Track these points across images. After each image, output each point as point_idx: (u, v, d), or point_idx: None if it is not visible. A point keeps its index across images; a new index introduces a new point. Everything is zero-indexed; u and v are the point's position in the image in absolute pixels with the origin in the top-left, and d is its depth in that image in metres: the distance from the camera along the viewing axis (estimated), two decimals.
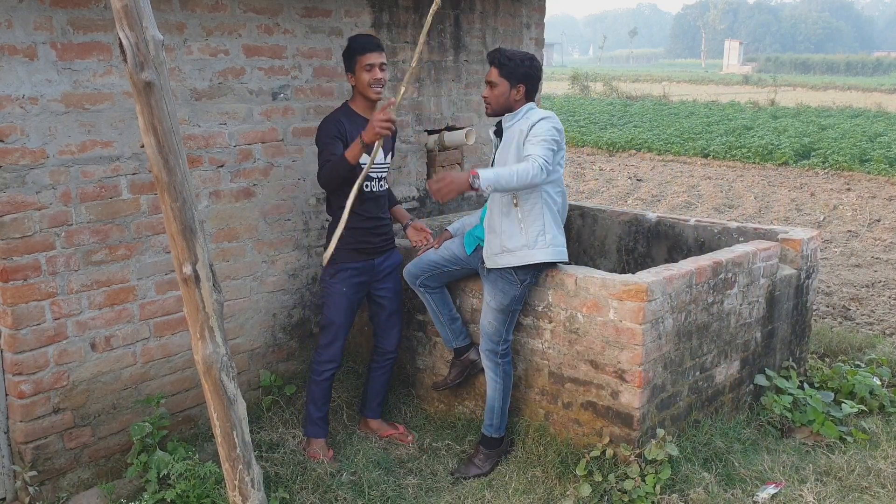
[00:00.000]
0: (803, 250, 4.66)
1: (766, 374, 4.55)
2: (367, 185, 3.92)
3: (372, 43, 3.85)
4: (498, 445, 3.95)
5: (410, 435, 4.20)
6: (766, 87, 42.44)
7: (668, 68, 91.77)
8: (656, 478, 3.55)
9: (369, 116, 3.85)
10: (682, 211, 11.57)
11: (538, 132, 3.57)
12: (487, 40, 5.41)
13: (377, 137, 3.56)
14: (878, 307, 7.25)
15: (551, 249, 3.70)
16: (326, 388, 4.02)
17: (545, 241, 3.68)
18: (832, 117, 23.26)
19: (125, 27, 2.53)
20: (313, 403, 4.02)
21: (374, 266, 4.04)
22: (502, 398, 3.90)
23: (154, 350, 3.86)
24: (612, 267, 5.42)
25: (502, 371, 3.88)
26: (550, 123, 3.60)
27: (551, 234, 3.70)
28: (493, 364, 3.87)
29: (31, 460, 3.48)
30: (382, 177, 4.02)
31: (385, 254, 4.09)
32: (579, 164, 16.42)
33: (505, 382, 3.89)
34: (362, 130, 3.69)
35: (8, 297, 3.32)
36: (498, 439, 3.94)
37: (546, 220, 3.69)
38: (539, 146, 3.52)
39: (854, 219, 11.18)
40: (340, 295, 3.96)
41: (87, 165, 3.49)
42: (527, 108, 3.73)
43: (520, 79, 3.70)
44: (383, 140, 3.64)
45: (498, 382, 3.88)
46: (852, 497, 3.66)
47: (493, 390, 3.89)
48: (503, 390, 3.89)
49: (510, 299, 3.77)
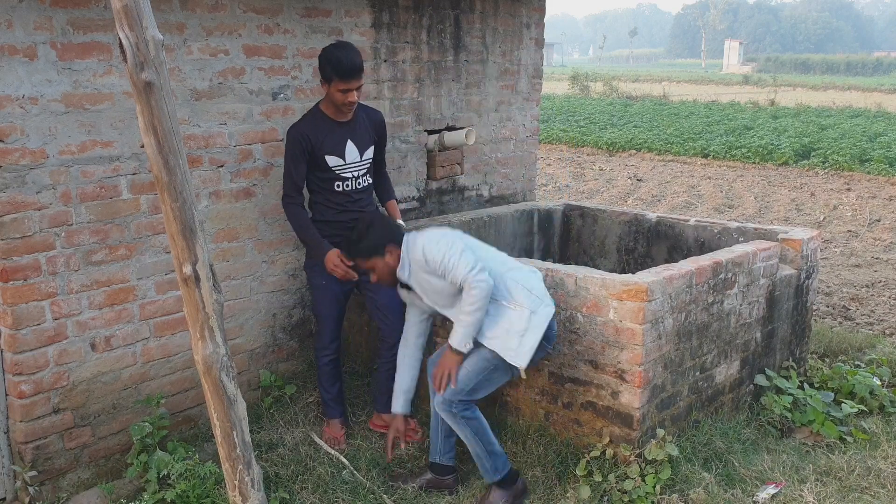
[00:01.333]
0: (803, 250, 4.66)
1: (766, 374, 4.55)
2: (337, 185, 3.97)
3: (353, 70, 3.76)
4: (510, 484, 3.58)
5: (420, 431, 4.18)
6: (766, 87, 42.43)
7: (668, 68, 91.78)
8: (656, 478, 3.55)
9: (341, 118, 3.94)
10: (682, 211, 11.56)
11: (438, 260, 3.37)
12: (487, 40, 5.42)
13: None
14: (878, 307, 7.25)
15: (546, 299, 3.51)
16: (328, 371, 4.17)
17: (538, 296, 3.48)
18: (832, 117, 23.26)
19: (125, 27, 2.53)
20: (322, 387, 4.22)
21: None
22: (479, 440, 3.52)
23: (154, 350, 3.86)
24: (612, 267, 5.42)
25: (462, 419, 3.49)
26: (431, 246, 3.39)
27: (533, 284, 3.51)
28: (449, 415, 3.50)
29: (31, 460, 3.48)
30: (358, 175, 4.01)
31: None
32: (579, 164, 16.41)
33: (473, 426, 3.51)
34: (335, 134, 3.89)
35: (8, 297, 3.32)
36: (505, 478, 3.58)
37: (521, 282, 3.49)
38: (455, 267, 3.33)
39: (854, 219, 11.18)
40: (320, 287, 4.08)
41: (87, 165, 3.49)
42: (405, 256, 3.52)
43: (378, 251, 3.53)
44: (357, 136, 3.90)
45: (465, 430, 3.51)
46: (852, 497, 3.66)
47: (465, 438, 3.54)
48: (475, 433, 3.51)
49: (491, 368, 3.49)
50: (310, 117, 3.97)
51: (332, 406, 4.21)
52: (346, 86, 3.78)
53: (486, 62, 5.45)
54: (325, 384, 4.21)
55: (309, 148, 3.88)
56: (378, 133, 4.14)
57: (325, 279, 4.05)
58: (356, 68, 3.78)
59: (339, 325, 4.20)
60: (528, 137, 5.95)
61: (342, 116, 3.96)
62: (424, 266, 3.43)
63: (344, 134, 3.95)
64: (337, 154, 3.94)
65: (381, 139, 4.18)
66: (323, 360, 4.18)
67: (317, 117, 3.94)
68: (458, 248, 3.39)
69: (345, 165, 3.96)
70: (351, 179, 3.99)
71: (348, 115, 3.96)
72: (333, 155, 3.93)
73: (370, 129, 4.08)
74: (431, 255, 3.39)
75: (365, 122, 4.05)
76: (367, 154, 4.05)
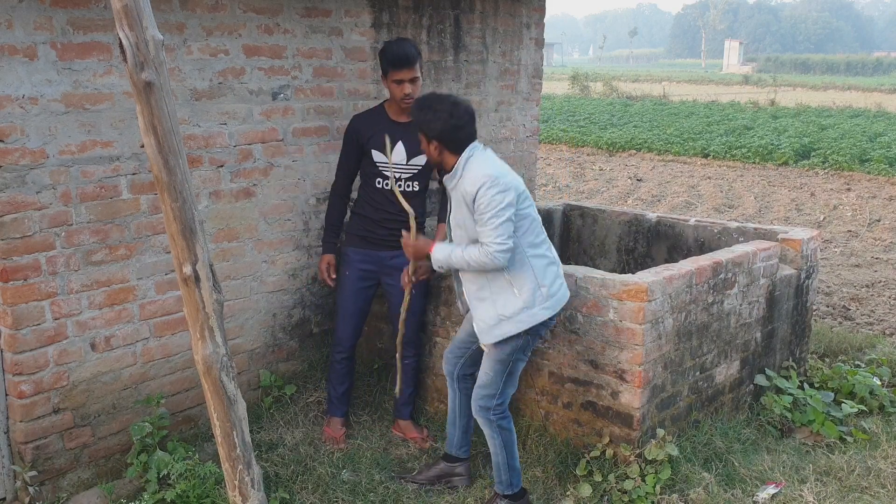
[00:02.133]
0: (803, 250, 4.66)
1: (766, 374, 4.55)
2: (378, 182, 3.97)
3: (403, 57, 3.80)
4: (517, 500, 3.56)
5: (428, 442, 4.17)
6: (766, 87, 42.47)
7: (668, 68, 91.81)
8: (656, 478, 3.55)
9: (400, 119, 3.97)
10: (682, 211, 11.57)
11: (483, 207, 3.19)
12: (487, 40, 5.42)
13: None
14: (878, 307, 7.26)
15: (552, 301, 3.36)
16: (338, 370, 4.18)
17: (543, 296, 3.33)
18: (832, 117, 23.27)
19: (125, 27, 2.53)
20: (329, 382, 4.25)
21: (380, 259, 4.06)
22: (506, 453, 3.51)
23: (154, 350, 3.86)
24: (612, 267, 5.42)
25: (497, 427, 3.50)
26: (492, 191, 3.17)
27: (546, 285, 3.34)
28: (486, 420, 3.50)
29: (31, 460, 3.48)
30: (401, 177, 3.98)
31: (395, 251, 4.03)
32: (579, 164, 16.42)
33: (504, 437, 3.50)
34: (389, 132, 3.83)
35: (8, 297, 3.32)
36: (516, 494, 3.57)
37: (538, 274, 3.33)
38: (488, 227, 3.18)
39: (854, 219, 11.19)
40: (344, 278, 4.11)
41: (87, 165, 3.49)
42: (462, 165, 3.30)
43: (434, 135, 3.30)
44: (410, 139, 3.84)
45: (496, 438, 3.50)
46: (852, 497, 3.66)
47: (493, 446, 3.53)
48: (504, 445, 3.50)
49: (510, 350, 3.41)
50: (370, 111, 4.07)
51: (336, 405, 4.21)
52: (399, 75, 3.82)
53: (486, 62, 5.45)
54: (334, 381, 4.20)
55: (359, 140, 3.97)
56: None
57: (348, 269, 4.09)
58: (407, 56, 3.81)
59: (356, 322, 4.14)
60: (528, 137, 5.95)
61: (401, 116, 3.96)
62: (468, 197, 3.25)
63: (397, 133, 3.93)
64: (383, 151, 3.85)
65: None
66: (335, 357, 4.17)
67: (376, 112, 4.04)
68: (505, 214, 3.20)
69: (387, 164, 3.88)
70: (392, 180, 3.91)
71: (406, 111, 3.91)
72: (380, 151, 3.91)
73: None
74: (480, 198, 3.20)
75: None
76: (415, 160, 3.97)
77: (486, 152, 3.35)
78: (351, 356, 4.19)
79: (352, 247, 4.09)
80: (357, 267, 4.07)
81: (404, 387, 4.18)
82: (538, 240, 3.38)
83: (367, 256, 4.06)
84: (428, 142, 3.35)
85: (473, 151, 3.32)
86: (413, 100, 3.75)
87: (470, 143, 3.33)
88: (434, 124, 3.28)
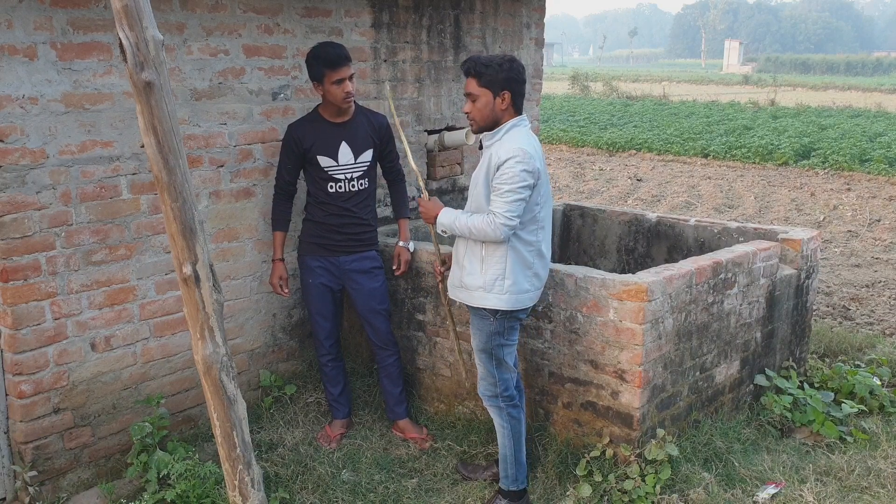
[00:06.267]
0: (803, 250, 4.66)
1: (766, 374, 4.55)
2: (331, 186, 3.97)
3: (341, 57, 3.81)
4: (518, 498, 3.59)
5: (428, 441, 4.17)
6: (766, 87, 42.44)
7: (668, 68, 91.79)
8: (656, 478, 3.55)
9: (337, 120, 3.97)
10: (682, 211, 11.57)
11: (504, 178, 3.20)
12: (487, 40, 5.41)
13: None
14: (878, 307, 7.25)
15: (507, 297, 3.35)
16: (328, 371, 4.21)
17: (502, 288, 3.33)
18: (832, 117, 23.26)
19: (125, 27, 2.54)
20: (324, 386, 4.30)
21: (338, 264, 4.06)
22: (513, 445, 3.54)
23: (154, 350, 3.86)
24: (612, 267, 5.42)
25: (507, 415, 3.53)
26: (520, 167, 3.18)
27: (512, 279, 3.33)
28: (496, 408, 3.55)
29: (31, 460, 3.48)
30: (352, 178, 3.99)
31: (354, 254, 4.06)
32: (579, 164, 16.42)
33: (513, 427, 3.54)
34: (330, 135, 3.92)
35: (8, 297, 3.32)
36: (518, 492, 3.59)
37: (509, 265, 3.33)
38: (503, 199, 3.20)
39: (854, 219, 11.18)
40: (308, 286, 4.12)
41: (87, 165, 3.49)
42: (507, 128, 3.33)
43: (502, 85, 3.29)
44: (352, 138, 3.93)
45: (505, 428, 3.54)
46: (852, 497, 3.66)
47: (501, 437, 3.57)
48: (512, 436, 3.54)
49: (486, 336, 3.45)
50: (306, 118, 4.03)
51: (336, 407, 4.23)
52: (338, 75, 3.80)
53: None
54: (327, 385, 4.24)
55: (299, 150, 3.95)
56: (379, 137, 4.09)
57: (310, 277, 4.08)
58: (342, 55, 3.82)
59: (332, 323, 4.15)
60: None
61: (340, 117, 3.96)
62: (497, 161, 3.24)
63: (338, 135, 3.96)
64: (329, 155, 3.94)
65: (383, 143, 4.12)
66: (321, 360, 4.20)
67: (312, 118, 4.00)
68: (523, 193, 3.22)
69: (337, 167, 3.95)
70: (344, 181, 3.97)
71: (348, 112, 3.96)
72: (325, 156, 3.94)
73: (370, 132, 4.05)
74: (506, 169, 3.20)
75: (365, 125, 4.04)
76: (362, 157, 4.01)
77: (530, 131, 3.42)
78: (336, 357, 4.20)
79: (309, 255, 4.08)
80: (316, 275, 4.07)
81: (392, 387, 4.22)
82: (532, 238, 3.38)
83: (326, 263, 4.06)
84: (495, 93, 3.29)
85: (522, 122, 3.38)
86: (353, 98, 3.87)
87: (520, 107, 3.39)
88: (501, 75, 3.28)
